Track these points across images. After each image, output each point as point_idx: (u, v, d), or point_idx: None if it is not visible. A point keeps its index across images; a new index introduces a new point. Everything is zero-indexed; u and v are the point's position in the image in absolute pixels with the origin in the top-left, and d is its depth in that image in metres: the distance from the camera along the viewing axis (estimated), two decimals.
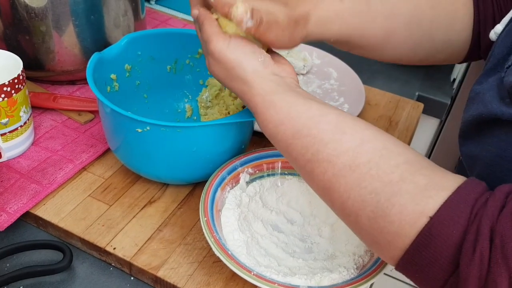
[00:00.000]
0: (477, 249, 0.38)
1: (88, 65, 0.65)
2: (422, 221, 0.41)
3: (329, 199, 0.49)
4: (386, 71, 1.07)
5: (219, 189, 0.64)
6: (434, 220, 0.41)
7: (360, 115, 0.86)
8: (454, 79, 1.08)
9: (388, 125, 0.87)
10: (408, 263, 0.43)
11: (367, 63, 1.08)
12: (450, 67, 1.09)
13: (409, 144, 0.86)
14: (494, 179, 0.47)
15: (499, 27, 0.55)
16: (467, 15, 0.63)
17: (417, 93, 1.02)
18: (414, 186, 0.43)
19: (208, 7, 0.58)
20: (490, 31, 0.57)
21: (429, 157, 1.20)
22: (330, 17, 0.59)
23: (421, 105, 0.93)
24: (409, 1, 0.62)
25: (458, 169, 0.63)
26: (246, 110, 0.63)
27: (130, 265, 0.60)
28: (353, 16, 0.60)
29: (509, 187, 0.41)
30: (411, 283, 0.45)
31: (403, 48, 0.64)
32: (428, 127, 1.12)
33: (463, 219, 0.40)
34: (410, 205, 0.42)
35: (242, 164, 0.67)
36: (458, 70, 1.08)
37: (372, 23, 0.61)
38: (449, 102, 1.03)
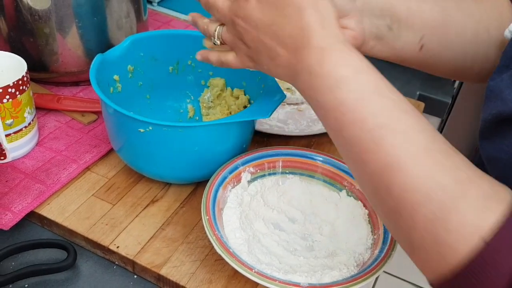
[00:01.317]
0: None
1: (91, 67, 0.66)
2: (477, 240, 0.37)
3: (384, 181, 0.42)
4: (386, 70, 1.07)
5: (220, 188, 0.64)
6: (490, 247, 0.37)
7: None
8: None
9: None
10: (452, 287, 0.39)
11: None
12: None
13: None
14: None
15: None
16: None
17: (418, 93, 1.03)
18: (481, 191, 0.39)
19: None
20: None
21: None
22: None
23: (422, 105, 0.93)
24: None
25: None
26: (248, 110, 0.64)
27: (133, 263, 0.60)
28: None
29: None
30: (414, 282, 0.43)
31: (460, 39, 0.59)
32: None
33: None
34: (472, 215, 0.38)
35: (243, 163, 0.68)
36: None
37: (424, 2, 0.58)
38: (450, 101, 1.04)
